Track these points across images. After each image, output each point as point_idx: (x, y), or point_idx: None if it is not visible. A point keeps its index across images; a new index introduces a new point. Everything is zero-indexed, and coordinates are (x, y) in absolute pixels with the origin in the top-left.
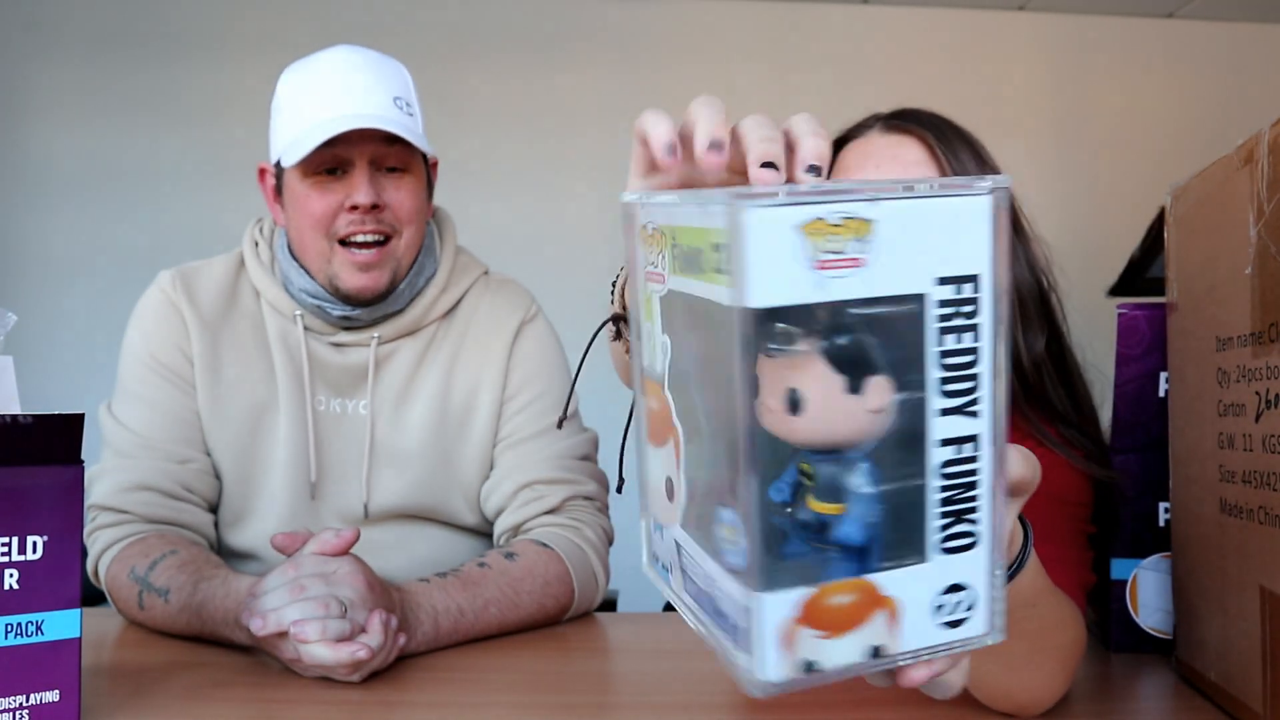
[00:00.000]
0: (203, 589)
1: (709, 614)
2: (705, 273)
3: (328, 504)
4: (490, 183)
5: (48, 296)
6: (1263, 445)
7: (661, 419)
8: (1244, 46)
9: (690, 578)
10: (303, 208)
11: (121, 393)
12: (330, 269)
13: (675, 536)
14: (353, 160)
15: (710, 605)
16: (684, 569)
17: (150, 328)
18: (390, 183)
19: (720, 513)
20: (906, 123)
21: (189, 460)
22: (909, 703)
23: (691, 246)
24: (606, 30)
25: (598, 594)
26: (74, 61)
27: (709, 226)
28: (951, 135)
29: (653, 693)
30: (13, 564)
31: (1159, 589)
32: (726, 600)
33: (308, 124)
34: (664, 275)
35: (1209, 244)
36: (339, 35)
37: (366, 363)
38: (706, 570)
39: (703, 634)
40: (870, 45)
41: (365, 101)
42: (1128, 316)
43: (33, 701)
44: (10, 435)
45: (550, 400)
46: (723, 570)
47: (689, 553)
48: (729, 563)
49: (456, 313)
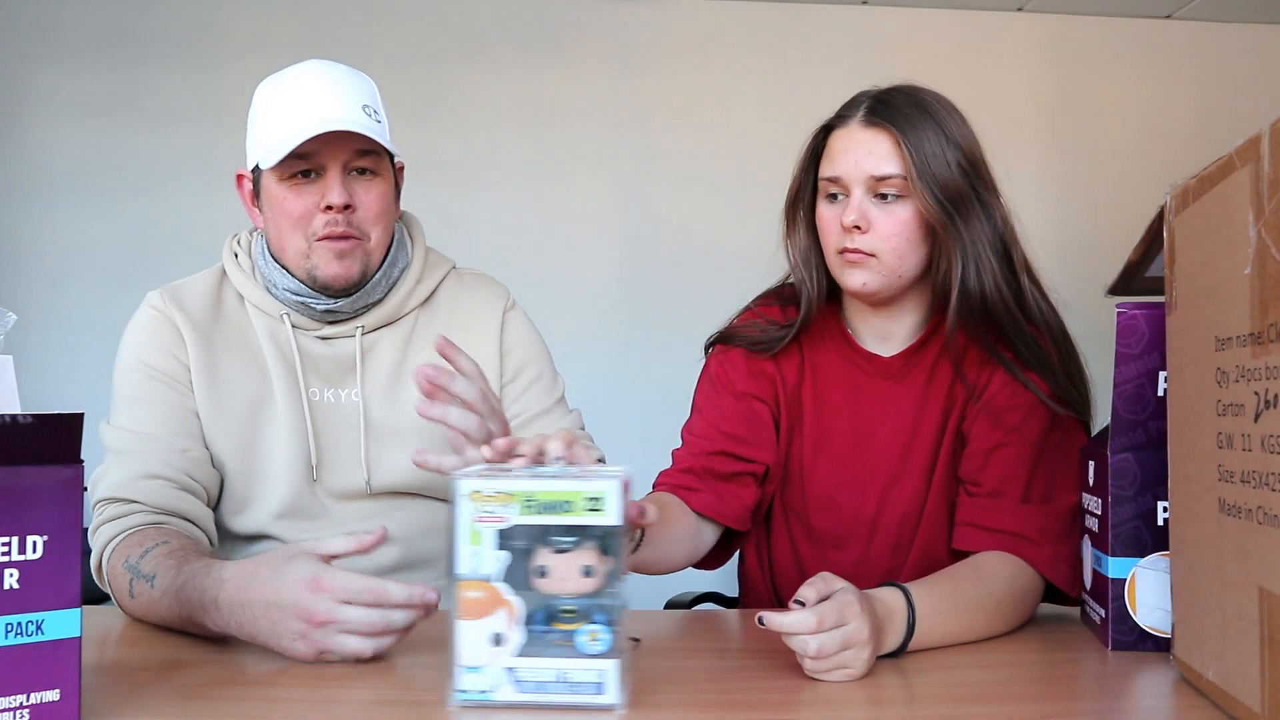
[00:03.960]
0: (184, 572)
1: (559, 690)
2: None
3: (328, 485)
4: (489, 182)
5: (48, 296)
6: (1261, 445)
7: (490, 601)
8: (1244, 46)
9: (525, 681)
10: (280, 208)
11: (118, 402)
12: (309, 263)
13: (505, 665)
14: (326, 164)
15: (563, 683)
16: (518, 679)
17: (144, 339)
18: (361, 186)
19: (581, 630)
20: (882, 117)
21: (188, 450)
22: (913, 700)
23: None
24: (606, 30)
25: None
26: (73, 62)
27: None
28: (923, 126)
29: (653, 691)
30: (13, 563)
31: (1157, 588)
32: (584, 674)
33: (284, 130)
34: (504, 517)
35: (1208, 244)
36: (337, 36)
37: (353, 353)
38: (556, 666)
39: (545, 703)
40: (870, 45)
41: (337, 108)
42: (1127, 316)
43: (33, 701)
44: (10, 435)
45: (547, 381)
46: (583, 657)
47: (529, 665)
48: (593, 651)
49: (435, 301)
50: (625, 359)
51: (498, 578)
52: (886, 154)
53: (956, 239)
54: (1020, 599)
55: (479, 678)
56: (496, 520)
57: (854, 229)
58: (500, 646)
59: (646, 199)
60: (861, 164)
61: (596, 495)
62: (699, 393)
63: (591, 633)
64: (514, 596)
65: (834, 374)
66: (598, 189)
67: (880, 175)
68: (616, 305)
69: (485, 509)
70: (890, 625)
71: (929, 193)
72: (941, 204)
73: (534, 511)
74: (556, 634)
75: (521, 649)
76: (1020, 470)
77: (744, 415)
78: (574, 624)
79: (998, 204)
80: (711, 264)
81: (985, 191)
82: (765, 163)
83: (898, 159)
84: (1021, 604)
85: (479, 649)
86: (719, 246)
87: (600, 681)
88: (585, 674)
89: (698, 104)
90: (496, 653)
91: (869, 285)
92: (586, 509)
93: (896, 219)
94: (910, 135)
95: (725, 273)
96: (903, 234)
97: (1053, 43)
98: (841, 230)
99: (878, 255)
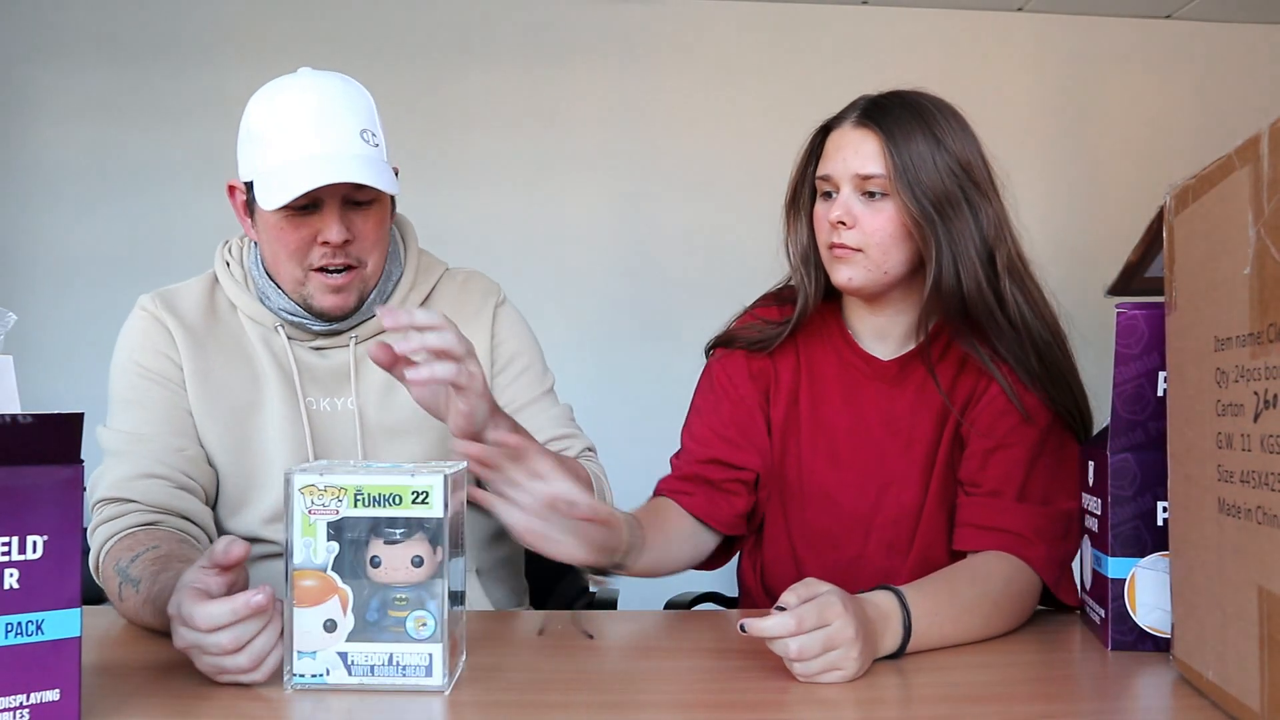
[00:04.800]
0: (161, 579)
1: (389, 673)
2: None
3: None
4: (489, 183)
5: (48, 296)
6: (1261, 445)
7: (323, 589)
8: (1244, 46)
9: (356, 665)
10: (276, 238)
11: (114, 405)
12: (304, 291)
13: (338, 650)
14: (323, 198)
15: (393, 667)
16: (350, 663)
17: (137, 342)
18: (359, 216)
19: (410, 616)
20: (872, 118)
21: (184, 449)
22: (912, 701)
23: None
24: (606, 30)
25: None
26: (73, 62)
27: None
28: (913, 129)
29: (653, 691)
30: (13, 563)
31: (1157, 588)
32: (412, 657)
33: (280, 162)
34: (337, 510)
35: (1208, 244)
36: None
37: (347, 363)
38: (386, 650)
39: (376, 685)
40: (870, 45)
41: (335, 140)
42: (1127, 316)
43: (33, 701)
44: (10, 435)
45: (536, 371)
46: (411, 642)
47: (360, 650)
48: (421, 636)
49: (428, 306)
50: (623, 359)
51: (330, 567)
52: (872, 154)
53: (937, 238)
54: (1018, 599)
55: (313, 662)
56: (329, 513)
57: (840, 224)
58: (332, 633)
59: (646, 199)
60: (849, 163)
61: (423, 489)
62: (698, 393)
63: (419, 618)
64: (345, 585)
65: (831, 373)
66: (597, 189)
67: (865, 174)
68: (614, 305)
69: (318, 502)
70: (886, 627)
71: (910, 193)
72: (922, 205)
73: (364, 505)
74: (390, 620)
75: (352, 634)
76: (1017, 471)
77: (742, 422)
78: (405, 611)
79: (989, 207)
80: (711, 264)
81: (976, 194)
82: (765, 163)
83: (882, 159)
84: (1020, 604)
85: (312, 635)
86: (718, 247)
87: (427, 665)
88: (413, 657)
89: (697, 104)
90: (329, 638)
91: (855, 280)
92: (413, 502)
93: (882, 216)
94: (897, 137)
95: (725, 273)
96: (886, 230)
97: (1053, 43)
98: (830, 226)
99: (864, 250)
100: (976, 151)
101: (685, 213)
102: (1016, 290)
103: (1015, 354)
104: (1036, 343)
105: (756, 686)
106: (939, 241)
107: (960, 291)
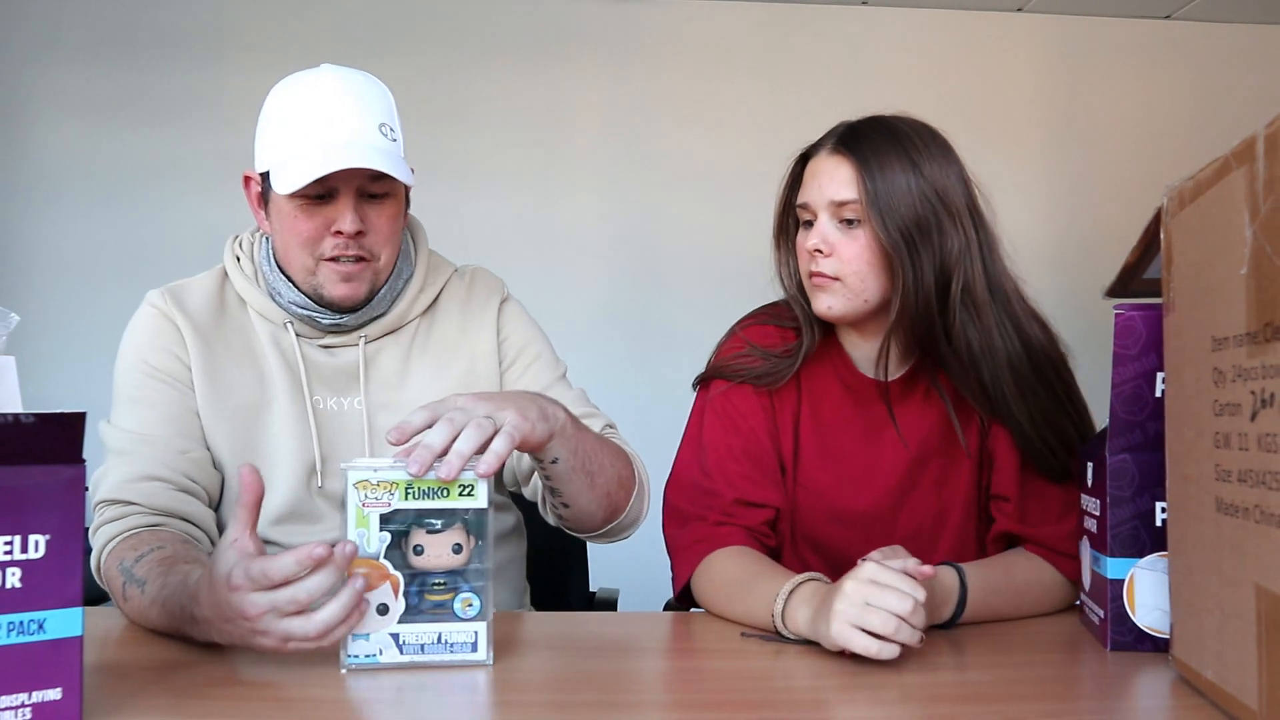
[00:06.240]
0: (168, 584)
1: (438, 651)
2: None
3: (329, 490)
4: (489, 183)
5: (49, 296)
6: (1258, 444)
7: (377, 576)
8: (1243, 47)
9: (407, 644)
10: (290, 227)
11: (119, 402)
12: (315, 280)
13: (390, 631)
14: (339, 187)
15: (442, 645)
16: (401, 642)
17: (144, 339)
18: (373, 209)
19: (456, 597)
20: (847, 145)
21: (188, 451)
22: (912, 699)
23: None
24: (606, 31)
25: (643, 512)
26: (75, 62)
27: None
28: (888, 155)
29: (653, 692)
30: (15, 563)
31: (1156, 588)
32: (460, 635)
33: (298, 149)
34: (389, 503)
35: (1205, 244)
36: (341, 38)
37: (356, 362)
38: (435, 630)
39: (426, 662)
40: (869, 46)
41: (353, 130)
42: (1124, 317)
43: (35, 700)
44: (12, 434)
45: (548, 359)
46: (459, 621)
47: (411, 630)
48: (467, 616)
49: (436, 307)
50: (623, 360)
51: (382, 555)
52: (846, 181)
53: (904, 266)
54: (1062, 587)
55: (366, 644)
56: (381, 505)
57: (817, 253)
58: (384, 615)
59: (646, 200)
60: (824, 190)
61: (469, 483)
62: (708, 429)
63: (465, 599)
64: (396, 571)
65: (834, 399)
66: (597, 189)
67: (839, 200)
68: (614, 306)
69: (372, 495)
70: (946, 600)
71: (881, 221)
72: (891, 233)
73: (414, 498)
74: (429, 603)
75: (403, 616)
76: (1043, 486)
77: (764, 463)
78: (443, 595)
79: (957, 236)
80: (711, 265)
81: (949, 222)
82: (765, 163)
83: (856, 186)
84: (1062, 592)
85: (367, 618)
86: (718, 248)
87: (474, 641)
88: (461, 635)
89: (697, 105)
90: (382, 621)
91: (834, 309)
92: (460, 494)
93: (857, 244)
94: (872, 163)
95: (724, 274)
96: (863, 258)
97: (1052, 43)
98: (809, 254)
99: (842, 279)
100: (958, 177)
101: (684, 212)
102: (969, 321)
103: (962, 383)
104: (986, 376)
105: (756, 687)
106: (905, 269)
107: (914, 319)
